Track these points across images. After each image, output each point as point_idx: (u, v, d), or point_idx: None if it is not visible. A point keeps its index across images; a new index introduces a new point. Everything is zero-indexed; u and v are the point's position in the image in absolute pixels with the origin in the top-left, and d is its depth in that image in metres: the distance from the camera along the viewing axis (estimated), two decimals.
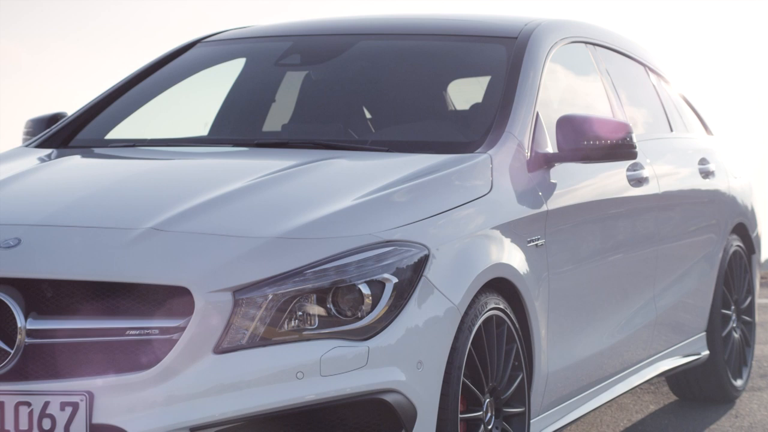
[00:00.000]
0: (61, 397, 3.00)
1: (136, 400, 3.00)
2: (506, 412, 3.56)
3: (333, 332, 3.09)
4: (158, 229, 3.18)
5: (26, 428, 3.00)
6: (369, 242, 3.20)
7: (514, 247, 3.63)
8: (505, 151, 3.82)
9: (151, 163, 3.98)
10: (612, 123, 4.01)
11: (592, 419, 5.01)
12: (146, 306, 3.05)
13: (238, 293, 3.06)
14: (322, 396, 3.05)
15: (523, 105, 4.00)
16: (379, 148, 3.90)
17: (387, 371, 3.11)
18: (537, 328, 3.70)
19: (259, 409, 3.02)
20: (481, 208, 3.58)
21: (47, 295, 3.09)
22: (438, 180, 3.56)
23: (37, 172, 3.76)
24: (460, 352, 3.28)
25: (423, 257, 3.25)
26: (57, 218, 3.25)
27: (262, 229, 3.19)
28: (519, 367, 3.60)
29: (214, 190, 3.37)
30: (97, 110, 4.39)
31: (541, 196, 3.88)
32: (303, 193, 3.42)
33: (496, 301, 3.47)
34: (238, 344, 3.05)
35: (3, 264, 3.10)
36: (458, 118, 4.31)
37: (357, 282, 3.13)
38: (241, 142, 4.19)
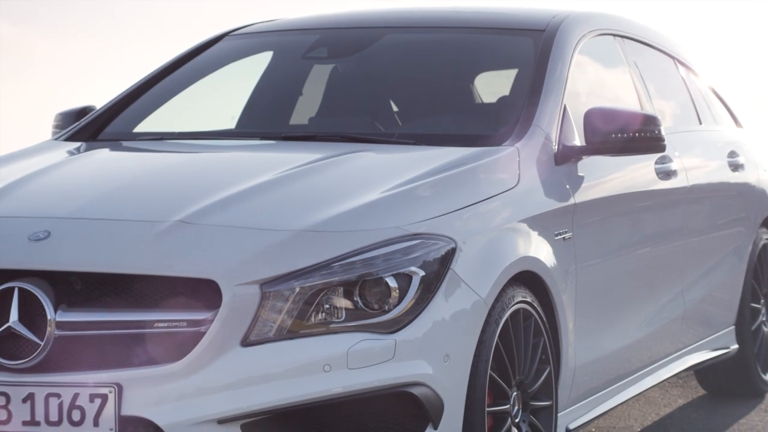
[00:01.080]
0: (91, 388, 3.02)
1: (164, 392, 3.01)
2: (533, 405, 3.55)
3: (360, 325, 3.10)
4: (186, 222, 3.19)
5: (56, 419, 3.02)
6: (396, 235, 3.20)
7: (542, 240, 3.62)
8: (533, 144, 3.81)
9: (178, 156, 4.00)
10: (640, 116, 3.99)
11: (620, 413, 4.99)
12: (174, 299, 3.07)
13: (266, 286, 3.07)
14: (348, 389, 3.05)
15: (551, 98, 3.98)
16: (405, 141, 3.90)
17: (414, 364, 3.12)
18: (564, 321, 3.69)
19: (286, 402, 3.03)
20: (508, 201, 3.57)
21: (76, 288, 3.11)
22: (465, 173, 3.55)
23: (66, 165, 3.78)
24: (487, 345, 3.28)
25: (450, 250, 3.25)
26: (86, 211, 3.27)
27: (289, 222, 3.19)
28: (546, 360, 3.59)
29: (241, 183, 3.38)
30: (125, 103, 4.41)
31: (569, 189, 3.87)
32: (330, 186, 3.42)
33: (523, 295, 3.46)
34: (265, 337, 3.06)
35: (33, 256, 3.12)
36: (485, 111, 4.30)
37: (384, 275, 3.13)
38: (268, 136, 4.20)
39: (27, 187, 3.50)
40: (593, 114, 3.94)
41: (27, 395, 3.03)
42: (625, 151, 3.98)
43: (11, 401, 3.04)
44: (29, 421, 3.03)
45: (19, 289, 3.08)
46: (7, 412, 3.04)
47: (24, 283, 3.08)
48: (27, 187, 3.50)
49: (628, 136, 3.92)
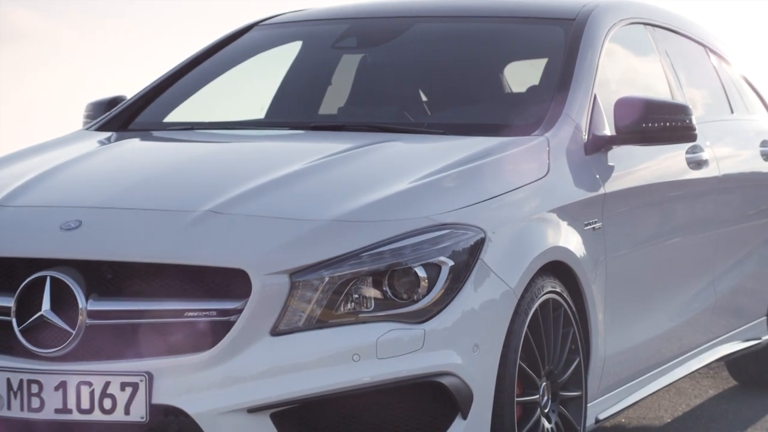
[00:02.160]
0: (122, 377, 3.04)
1: (194, 381, 3.03)
2: (563, 395, 3.54)
3: (389, 315, 3.10)
4: (216, 211, 3.20)
5: (88, 407, 3.05)
6: (425, 225, 3.20)
7: (571, 230, 3.61)
8: (563, 133, 3.80)
9: (208, 146, 4.01)
10: (671, 105, 3.97)
11: (650, 403, 4.97)
12: (204, 288, 3.08)
13: (295, 276, 3.08)
14: (378, 379, 3.06)
15: (581, 87, 3.97)
16: (435, 131, 3.89)
17: (443, 354, 3.12)
18: (594, 311, 3.68)
19: (316, 391, 3.04)
20: (538, 191, 3.56)
21: (107, 277, 3.13)
22: (494, 163, 3.54)
23: (97, 155, 3.80)
24: (516, 335, 3.27)
25: (479, 240, 3.24)
26: (117, 201, 3.29)
27: (318, 211, 3.20)
28: (576, 350, 3.58)
29: (270, 173, 3.39)
30: (155, 93, 4.43)
31: (599, 179, 3.85)
32: (359, 176, 3.42)
33: (552, 285, 3.46)
34: (294, 326, 3.07)
35: (64, 246, 3.14)
36: (515, 100, 4.29)
37: (413, 265, 3.13)
38: (297, 125, 4.20)
39: (58, 176, 3.53)
40: (624, 103, 3.91)
41: (59, 383, 3.06)
42: (656, 141, 3.96)
43: (44, 389, 3.06)
44: (61, 409, 3.05)
45: (51, 278, 3.10)
46: (39, 399, 3.06)
47: (56, 272, 3.10)
48: (58, 176, 3.53)
49: (658, 125, 3.90)
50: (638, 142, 3.95)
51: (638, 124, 3.89)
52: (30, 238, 3.20)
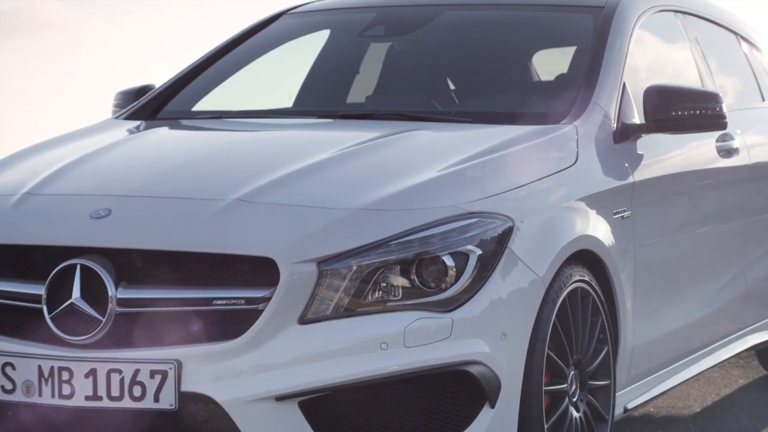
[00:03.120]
0: (151, 365, 3.06)
1: (223, 369, 3.04)
2: (591, 384, 3.54)
3: (417, 303, 3.10)
4: (244, 200, 3.21)
5: (117, 395, 3.07)
6: (453, 214, 3.20)
7: (600, 219, 3.60)
8: (591, 122, 3.78)
9: (237, 134, 4.02)
10: (701, 93, 3.94)
11: (679, 393, 4.96)
12: (232, 276, 3.09)
13: (323, 264, 3.08)
14: (405, 367, 3.06)
15: (610, 75, 3.95)
16: (463, 119, 3.89)
17: (471, 343, 3.12)
18: (623, 300, 3.67)
19: (344, 380, 3.04)
20: (566, 180, 3.55)
21: (137, 265, 3.14)
22: (522, 151, 3.53)
23: (126, 144, 3.82)
24: (544, 324, 3.27)
25: (507, 229, 3.24)
26: (146, 189, 3.31)
27: (346, 200, 3.20)
28: (604, 339, 3.57)
29: (298, 162, 3.39)
30: (184, 82, 4.44)
31: (628, 167, 3.84)
32: (387, 165, 3.42)
33: (581, 274, 3.45)
34: (322, 315, 3.07)
35: (94, 234, 3.16)
36: (543, 89, 4.27)
37: (441, 253, 3.13)
38: (325, 114, 4.21)
39: (88, 165, 3.55)
40: (653, 91, 3.89)
41: (89, 370, 3.08)
42: (686, 129, 3.94)
43: (74, 376, 3.09)
44: (92, 396, 3.08)
45: (81, 266, 3.12)
46: (70, 386, 3.09)
47: (86, 261, 3.12)
48: (88, 165, 3.55)
49: (688, 113, 3.87)
50: (668, 130, 3.93)
51: (668, 112, 3.87)
52: (60, 227, 3.22)
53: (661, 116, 3.88)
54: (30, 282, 3.17)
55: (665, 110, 3.87)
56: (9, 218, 3.29)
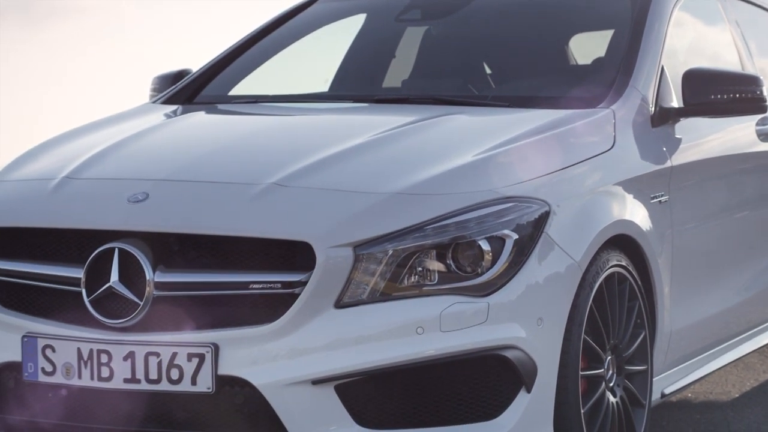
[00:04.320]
0: (188, 348, 3.08)
1: (259, 352, 3.06)
2: (628, 370, 3.52)
3: (453, 288, 3.10)
4: (280, 184, 3.22)
5: (155, 378, 3.09)
6: (489, 198, 3.19)
7: (637, 203, 3.58)
8: (629, 106, 3.76)
9: (273, 119, 4.03)
10: (741, 76, 3.90)
11: (717, 378, 4.92)
12: (269, 260, 3.11)
13: (359, 248, 3.09)
14: (442, 351, 3.06)
15: (648, 58, 3.92)
16: (499, 103, 3.87)
17: (507, 327, 3.11)
18: (660, 285, 3.65)
19: (380, 364, 3.05)
20: (603, 164, 3.53)
21: (174, 249, 3.16)
22: (559, 135, 3.52)
23: (163, 128, 3.84)
24: (581, 308, 3.26)
25: (543, 213, 3.23)
26: (183, 173, 3.32)
27: (382, 184, 3.20)
28: (641, 324, 3.56)
29: (335, 146, 3.40)
30: (220, 67, 4.45)
31: (665, 151, 3.81)
32: (423, 149, 3.42)
33: (618, 258, 3.43)
34: (358, 299, 3.08)
35: (132, 218, 3.18)
36: (580, 72, 4.25)
37: (477, 238, 3.12)
38: (361, 98, 4.21)
39: (126, 149, 3.57)
40: (692, 74, 3.86)
41: (127, 353, 3.10)
42: (725, 113, 3.90)
43: (113, 359, 3.11)
44: (130, 379, 3.10)
45: (119, 250, 3.14)
46: (109, 369, 3.11)
47: (123, 244, 3.14)
48: (126, 149, 3.57)
49: (728, 97, 3.84)
50: (707, 114, 3.89)
51: (707, 96, 3.84)
52: (98, 211, 3.24)
53: (700, 100, 3.85)
54: (69, 265, 3.20)
55: (704, 94, 3.84)
56: (48, 202, 3.32)
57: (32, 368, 3.17)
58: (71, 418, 3.17)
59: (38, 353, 3.16)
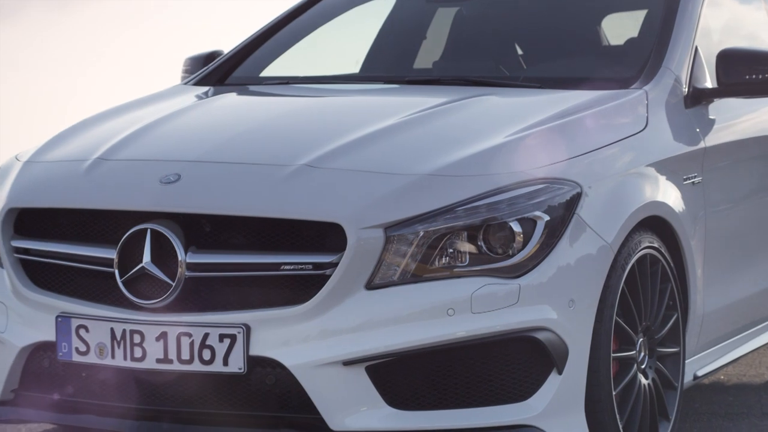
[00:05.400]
0: (220, 329, 3.09)
1: (290, 333, 3.07)
2: (660, 351, 3.51)
3: (484, 270, 3.10)
4: (311, 165, 3.22)
5: (187, 358, 3.11)
6: (521, 180, 3.18)
7: (670, 185, 3.55)
8: (662, 86, 3.73)
9: (304, 100, 4.03)
10: None
11: (750, 360, 4.90)
12: (300, 242, 3.11)
13: (390, 230, 3.09)
14: (472, 333, 3.06)
15: (681, 38, 3.88)
16: (530, 84, 3.85)
17: (538, 309, 3.11)
18: (693, 267, 3.63)
19: (411, 345, 3.05)
20: (636, 145, 3.51)
21: (205, 230, 3.17)
22: (591, 117, 3.50)
23: (195, 110, 3.85)
24: (612, 290, 3.24)
25: (575, 195, 3.21)
26: (215, 155, 3.33)
27: (413, 166, 3.20)
28: (674, 306, 3.54)
29: (365, 128, 3.40)
30: (252, 48, 4.46)
31: (699, 132, 3.78)
32: (454, 131, 3.41)
33: (650, 240, 3.41)
34: (389, 280, 3.08)
35: (164, 199, 3.20)
36: (613, 53, 4.22)
37: (508, 219, 3.12)
38: (392, 80, 4.20)
39: (158, 131, 3.58)
40: (727, 55, 3.83)
41: (160, 334, 3.12)
42: (760, 93, 3.87)
43: (145, 339, 3.13)
44: (162, 359, 3.12)
45: (152, 231, 3.16)
46: (142, 349, 3.14)
47: (156, 225, 3.16)
48: (158, 131, 3.58)
49: (763, 77, 3.80)
50: (741, 94, 3.86)
51: (741, 76, 3.80)
52: (131, 192, 3.26)
53: (735, 80, 3.81)
54: (102, 246, 3.22)
55: (739, 74, 3.81)
56: (81, 183, 3.34)
57: (66, 348, 3.20)
58: (104, 397, 3.19)
59: (72, 333, 3.19)
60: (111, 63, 12.71)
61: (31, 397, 3.29)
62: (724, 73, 3.82)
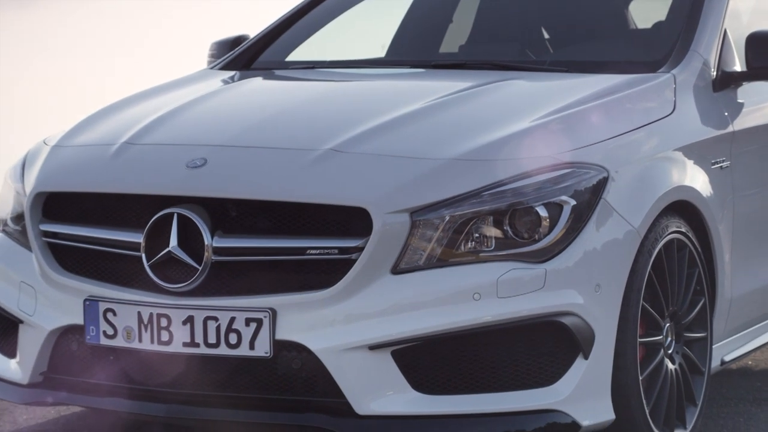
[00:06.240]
0: (246, 313, 3.10)
1: (316, 317, 3.07)
2: (687, 336, 3.49)
3: (510, 254, 3.09)
4: (337, 150, 3.22)
5: (214, 342, 3.12)
6: (547, 164, 3.17)
7: (698, 169, 3.53)
8: (690, 70, 3.70)
9: (330, 84, 4.03)
10: None
11: None
12: (326, 226, 3.12)
13: (416, 214, 3.09)
14: (498, 318, 3.06)
15: (710, 21, 3.85)
16: (557, 68, 3.84)
17: (564, 294, 3.10)
18: (720, 252, 3.61)
19: (436, 330, 3.06)
20: (663, 130, 3.49)
21: (232, 214, 3.18)
22: (618, 101, 3.48)
23: (221, 94, 3.86)
24: (639, 275, 3.23)
25: (602, 179, 3.20)
26: (240, 139, 3.34)
27: (439, 150, 3.19)
28: (701, 291, 3.52)
29: (391, 112, 3.39)
30: (277, 33, 4.46)
31: (727, 116, 3.75)
32: (480, 115, 3.40)
33: (677, 225, 3.40)
34: (415, 265, 3.08)
35: (190, 183, 3.21)
36: (640, 36, 4.19)
37: (534, 204, 3.11)
38: (418, 64, 4.19)
39: (184, 115, 3.59)
40: (756, 37, 3.80)
41: (187, 318, 3.14)
42: None
43: (172, 323, 3.15)
44: (189, 343, 3.14)
45: (178, 215, 3.17)
46: (168, 333, 3.15)
47: (182, 209, 3.17)
48: (184, 115, 3.59)
49: None
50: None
51: None
52: (157, 176, 3.27)
53: (764, 63, 3.78)
54: (129, 230, 3.24)
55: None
56: (108, 167, 3.36)
57: (94, 331, 3.22)
58: (132, 380, 3.22)
59: (100, 317, 3.21)
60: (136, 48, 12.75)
61: (60, 379, 3.31)
62: (754, 57, 3.79)
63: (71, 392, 3.29)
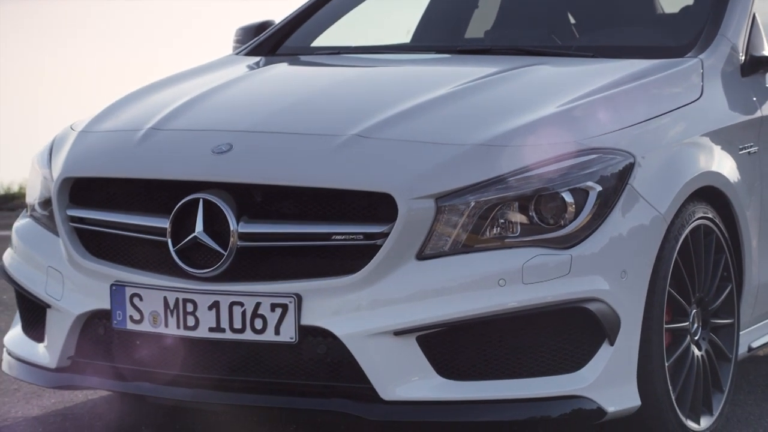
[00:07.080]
0: (271, 298, 3.11)
1: (341, 303, 3.08)
2: (714, 323, 3.48)
3: (535, 240, 3.08)
4: (362, 135, 3.22)
5: (239, 327, 3.13)
6: (573, 150, 3.16)
7: (725, 154, 3.51)
8: (717, 55, 3.68)
9: (355, 70, 4.03)
10: None
11: None
12: (351, 212, 3.12)
13: (441, 200, 3.08)
14: (524, 304, 3.05)
15: (739, 5, 3.82)
16: (583, 53, 3.82)
17: (590, 280, 3.09)
18: (748, 238, 3.59)
19: (462, 315, 3.05)
20: (690, 115, 3.47)
21: (257, 200, 3.19)
22: (645, 86, 3.46)
23: (246, 80, 3.86)
24: (665, 261, 3.22)
25: (628, 165, 3.19)
26: (266, 124, 3.34)
27: (465, 136, 3.19)
28: (728, 277, 3.50)
29: (417, 98, 3.39)
30: (303, 18, 4.45)
31: (756, 101, 3.73)
32: (506, 100, 3.39)
33: (704, 210, 3.38)
34: (440, 251, 3.08)
35: (216, 169, 3.22)
36: (667, 21, 4.16)
37: (560, 190, 3.10)
38: (443, 49, 4.18)
39: (210, 101, 3.60)
40: None
41: (212, 303, 3.15)
42: None
43: (198, 308, 3.16)
44: (215, 328, 3.15)
45: (204, 201, 3.18)
46: (194, 318, 3.17)
47: (208, 195, 3.18)
48: (210, 101, 3.60)
49: None
50: None
51: None
52: (183, 161, 3.28)
53: None
54: (155, 216, 3.25)
55: None
56: (134, 153, 3.37)
57: (120, 316, 3.24)
58: (158, 365, 3.23)
59: (126, 302, 3.23)
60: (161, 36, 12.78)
61: (87, 364, 3.33)
62: None
63: (98, 376, 3.31)
